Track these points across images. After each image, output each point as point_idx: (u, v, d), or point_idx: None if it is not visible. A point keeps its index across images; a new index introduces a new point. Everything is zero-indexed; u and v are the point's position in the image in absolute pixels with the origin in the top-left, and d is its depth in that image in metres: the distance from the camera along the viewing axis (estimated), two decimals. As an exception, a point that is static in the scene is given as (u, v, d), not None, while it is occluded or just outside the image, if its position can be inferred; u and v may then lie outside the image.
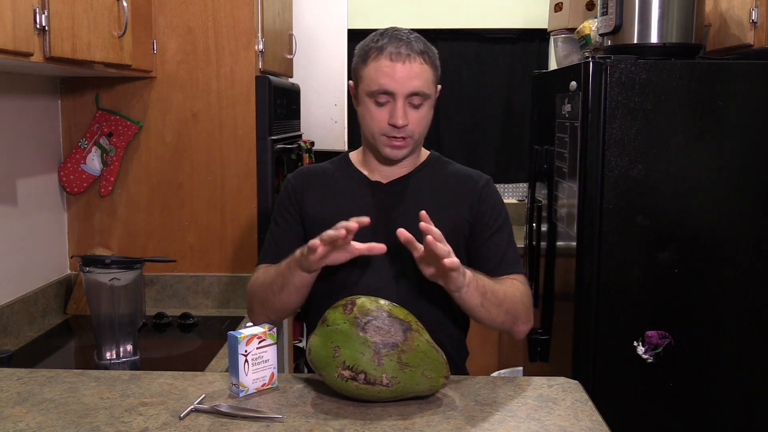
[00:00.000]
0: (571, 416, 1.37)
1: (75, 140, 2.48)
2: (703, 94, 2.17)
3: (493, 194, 1.74)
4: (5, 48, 1.51)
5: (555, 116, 2.47)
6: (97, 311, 1.96)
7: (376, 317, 1.36)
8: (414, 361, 1.35)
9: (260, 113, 2.48)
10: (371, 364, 1.33)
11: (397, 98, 1.61)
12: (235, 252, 2.52)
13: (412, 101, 1.62)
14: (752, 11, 2.21)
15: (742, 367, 2.24)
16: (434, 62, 1.67)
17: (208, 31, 2.45)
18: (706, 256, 2.21)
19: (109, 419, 1.34)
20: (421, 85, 1.61)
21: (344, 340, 1.35)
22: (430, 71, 1.65)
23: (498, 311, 1.57)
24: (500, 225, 1.71)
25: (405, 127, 1.62)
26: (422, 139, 1.70)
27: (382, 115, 1.63)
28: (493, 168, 4.22)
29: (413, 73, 1.60)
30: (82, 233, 2.52)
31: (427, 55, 1.65)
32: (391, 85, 1.60)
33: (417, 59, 1.62)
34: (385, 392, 1.35)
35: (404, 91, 1.60)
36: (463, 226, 1.69)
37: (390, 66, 1.60)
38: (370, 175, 1.74)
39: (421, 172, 1.74)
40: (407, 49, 1.61)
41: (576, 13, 2.97)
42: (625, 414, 2.23)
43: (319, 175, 1.78)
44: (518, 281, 1.67)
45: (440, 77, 1.72)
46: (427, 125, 1.69)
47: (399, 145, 1.64)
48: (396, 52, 1.61)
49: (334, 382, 1.37)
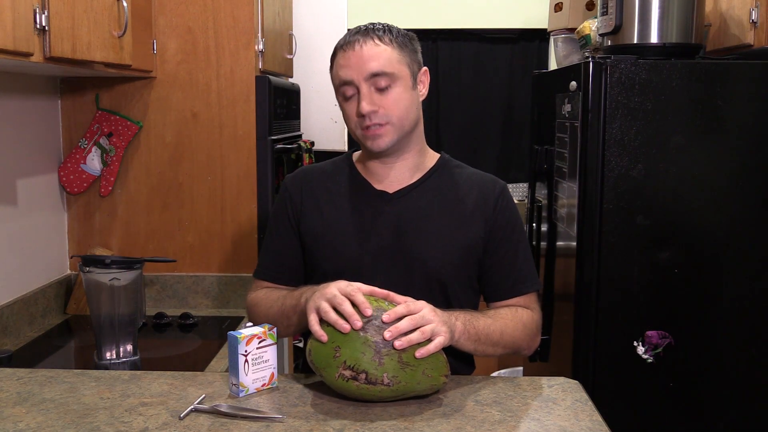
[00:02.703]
0: (571, 416, 1.37)
1: (75, 140, 2.48)
2: (703, 94, 2.17)
3: (508, 205, 1.66)
4: (5, 48, 1.51)
5: (555, 116, 2.47)
6: (97, 311, 1.96)
7: (376, 317, 1.36)
8: (414, 361, 1.35)
9: (260, 113, 2.48)
10: (372, 363, 1.33)
11: (359, 85, 1.54)
12: (235, 252, 2.52)
13: (376, 84, 1.54)
14: (752, 11, 2.21)
15: (742, 367, 2.24)
16: (400, 42, 1.57)
17: (208, 31, 2.45)
18: (706, 256, 2.21)
19: (109, 419, 1.34)
20: (379, 65, 1.53)
21: (345, 340, 1.34)
22: (393, 50, 1.55)
23: (494, 350, 1.54)
24: (516, 237, 1.65)
25: (374, 112, 1.54)
26: (408, 126, 1.59)
27: (351, 108, 1.57)
28: (493, 168, 4.23)
29: (368, 55, 1.53)
30: (82, 233, 2.52)
31: (388, 36, 1.56)
32: (348, 73, 1.54)
33: (371, 41, 1.54)
34: (386, 392, 1.35)
35: (361, 75, 1.54)
36: (477, 244, 1.62)
37: (344, 56, 1.56)
38: (375, 183, 1.65)
39: (429, 180, 1.65)
40: (361, 35, 1.56)
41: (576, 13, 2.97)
42: (625, 414, 2.23)
43: (320, 180, 1.70)
44: (525, 307, 1.62)
45: (422, 61, 1.63)
46: (409, 106, 1.58)
47: (377, 134, 1.55)
48: (349, 41, 1.56)
49: (335, 382, 1.36)
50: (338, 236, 1.63)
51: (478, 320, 1.50)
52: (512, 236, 1.64)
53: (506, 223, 1.64)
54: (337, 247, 1.62)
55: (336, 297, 1.38)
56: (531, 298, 1.65)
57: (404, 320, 1.35)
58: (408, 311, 1.37)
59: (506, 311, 1.60)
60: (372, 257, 1.60)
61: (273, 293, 1.65)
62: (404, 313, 1.36)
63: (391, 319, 1.35)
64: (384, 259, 1.60)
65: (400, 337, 1.34)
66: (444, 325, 1.39)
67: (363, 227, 1.62)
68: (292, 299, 1.55)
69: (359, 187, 1.66)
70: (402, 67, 1.56)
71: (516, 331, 1.57)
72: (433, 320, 1.38)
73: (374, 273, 1.57)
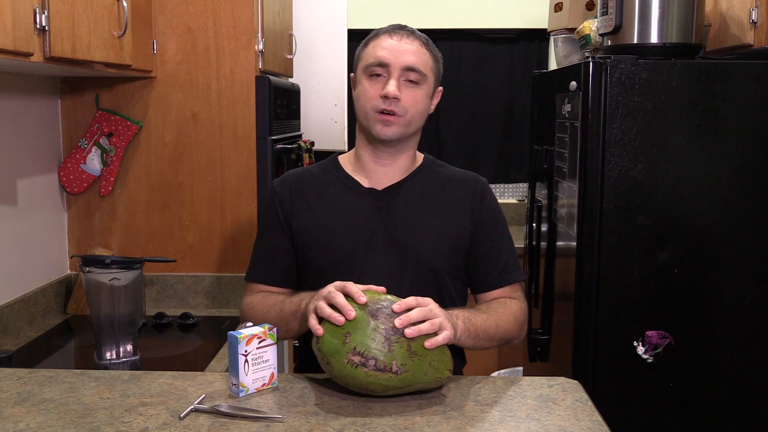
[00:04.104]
0: (571, 416, 1.37)
1: (75, 140, 2.48)
2: (703, 94, 2.17)
3: (491, 198, 1.73)
4: (5, 48, 1.51)
5: (555, 116, 2.47)
6: (97, 311, 1.96)
7: (386, 306, 1.39)
8: (422, 350, 1.37)
9: (260, 113, 2.48)
10: (382, 350, 1.34)
11: (392, 70, 1.59)
12: (235, 252, 2.52)
13: (408, 77, 1.60)
14: (752, 11, 2.21)
15: (742, 367, 2.24)
16: (435, 55, 1.67)
17: (208, 31, 2.45)
18: (706, 256, 2.21)
19: (109, 419, 1.34)
20: (417, 62, 1.60)
21: (355, 327, 1.36)
22: (430, 58, 1.64)
23: (491, 343, 1.60)
24: (501, 230, 1.71)
25: (397, 101, 1.58)
26: (414, 127, 1.64)
27: (375, 88, 1.60)
28: (493, 168, 4.22)
29: (411, 49, 1.61)
30: (82, 233, 2.52)
31: (428, 45, 1.65)
32: (387, 56, 1.59)
33: (417, 40, 1.63)
34: (393, 380, 1.35)
35: (399, 63, 1.59)
36: (464, 236, 1.67)
37: (388, 40, 1.61)
38: (364, 181, 1.69)
39: (416, 177, 1.70)
40: (406, 32, 1.63)
41: (576, 13, 2.97)
42: (625, 414, 2.23)
43: (308, 182, 1.72)
44: (514, 299, 1.68)
45: (441, 79, 1.70)
46: (422, 111, 1.64)
47: (390, 120, 1.59)
48: (396, 30, 1.63)
49: (343, 369, 1.36)
50: (330, 232, 1.66)
51: (475, 317, 1.55)
52: (497, 229, 1.71)
53: (491, 217, 1.70)
54: (329, 242, 1.65)
55: (330, 293, 1.41)
56: (516, 288, 1.71)
57: (415, 311, 1.39)
58: (417, 303, 1.41)
59: (497, 305, 1.65)
60: (365, 250, 1.63)
61: (269, 298, 1.66)
62: (414, 304, 1.40)
63: (402, 309, 1.39)
64: (377, 252, 1.63)
65: (410, 326, 1.37)
66: (448, 322, 1.43)
67: (354, 222, 1.65)
68: (292, 305, 1.57)
69: (348, 186, 1.70)
70: (431, 74, 1.65)
71: (508, 324, 1.63)
72: (440, 315, 1.42)
73: (368, 266, 1.61)
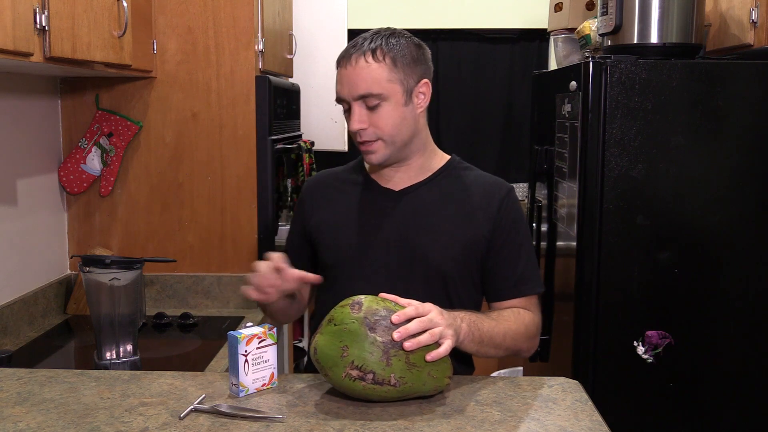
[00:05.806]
0: (571, 416, 1.37)
1: (75, 140, 2.48)
2: (703, 94, 2.17)
3: (514, 206, 1.67)
4: (5, 48, 1.51)
5: (555, 116, 2.47)
6: (97, 311, 1.96)
7: (384, 317, 1.36)
8: (421, 362, 1.35)
9: (260, 113, 2.48)
10: (380, 364, 1.33)
11: (351, 104, 1.58)
12: (235, 252, 2.52)
13: (366, 103, 1.56)
14: (752, 11, 2.21)
15: (742, 367, 2.24)
16: (394, 57, 1.55)
17: (208, 31, 2.45)
18: (706, 256, 2.21)
19: (109, 419, 1.34)
20: (369, 86, 1.54)
21: (353, 340, 1.34)
22: (383, 69, 1.55)
23: (496, 351, 1.56)
24: (520, 240, 1.66)
25: (364, 130, 1.57)
26: (401, 140, 1.60)
27: (349, 122, 1.61)
28: (494, 168, 4.22)
29: (358, 75, 1.55)
30: (82, 233, 2.52)
31: (379, 53, 1.55)
32: (342, 91, 1.59)
33: (361, 60, 1.55)
34: (392, 392, 1.35)
35: (351, 95, 1.57)
36: (480, 242, 1.63)
37: (339, 73, 1.60)
38: (382, 182, 1.69)
39: (435, 180, 1.67)
40: (355, 51, 1.56)
41: (576, 13, 2.97)
42: (625, 414, 2.23)
43: (330, 181, 1.76)
44: (527, 310, 1.63)
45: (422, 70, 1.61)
46: (399, 123, 1.57)
47: (370, 149, 1.60)
48: (344, 56, 1.58)
49: (342, 382, 1.36)
50: (341, 229, 1.67)
51: (482, 322, 1.51)
52: (516, 238, 1.65)
53: (511, 224, 1.65)
54: (337, 239, 1.67)
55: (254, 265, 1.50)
56: (532, 300, 1.66)
57: (413, 322, 1.35)
58: (417, 313, 1.37)
59: (509, 313, 1.61)
60: (374, 250, 1.63)
61: None
62: (413, 315, 1.37)
63: (400, 321, 1.35)
64: (386, 252, 1.62)
65: (409, 338, 1.34)
66: (450, 328, 1.40)
67: (366, 221, 1.66)
68: None
69: (366, 186, 1.71)
70: (392, 86, 1.56)
71: (518, 334, 1.58)
72: (441, 323, 1.38)
73: (376, 265, 1.62)
